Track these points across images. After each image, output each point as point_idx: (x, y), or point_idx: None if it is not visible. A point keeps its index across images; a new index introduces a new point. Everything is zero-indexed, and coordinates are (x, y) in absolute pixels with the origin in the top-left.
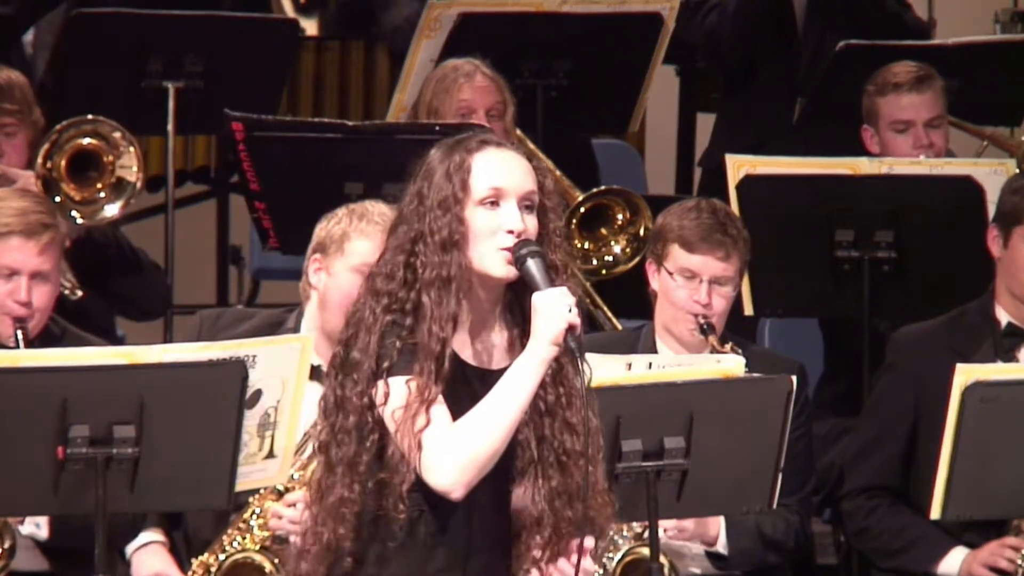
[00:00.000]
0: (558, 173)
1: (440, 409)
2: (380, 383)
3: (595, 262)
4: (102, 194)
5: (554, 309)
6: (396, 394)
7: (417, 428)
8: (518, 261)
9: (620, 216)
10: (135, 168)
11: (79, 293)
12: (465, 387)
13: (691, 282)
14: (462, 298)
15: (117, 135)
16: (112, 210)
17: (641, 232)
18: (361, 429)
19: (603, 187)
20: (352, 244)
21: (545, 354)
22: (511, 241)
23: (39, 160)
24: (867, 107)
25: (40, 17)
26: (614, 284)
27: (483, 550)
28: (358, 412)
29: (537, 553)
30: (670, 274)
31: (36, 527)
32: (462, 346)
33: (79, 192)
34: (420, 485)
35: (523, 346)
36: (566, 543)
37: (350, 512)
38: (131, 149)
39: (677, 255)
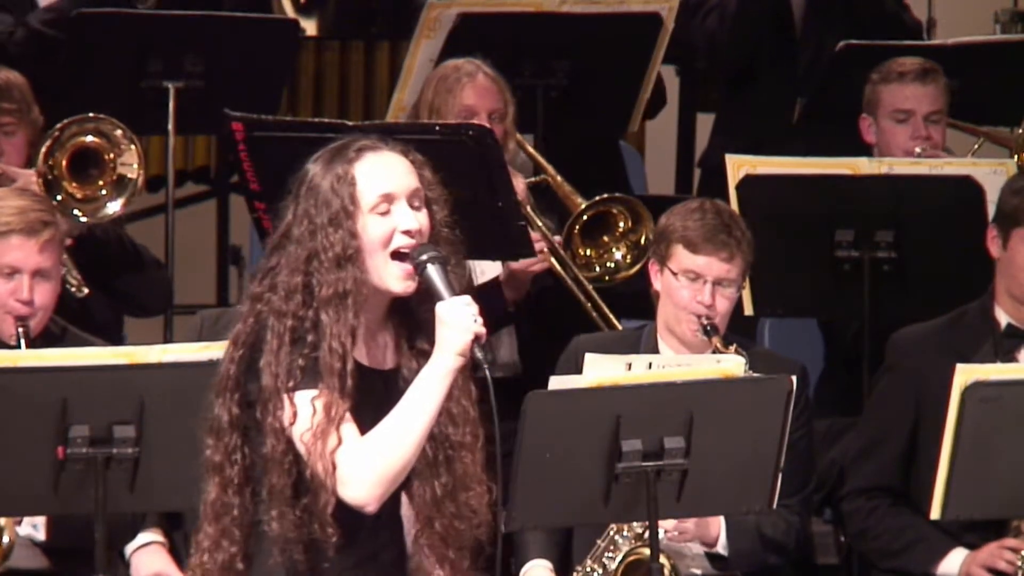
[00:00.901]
0: (559, 179)
1: (349, 426)
2: (286, 401)
3: (597, 269)
4: (104, 192)
5: (459, 320)
6: (303, 414)
7: (329, 449)
8: (418, 268)
9: (622, 223)
10: (136, 165)
11: (85, 291)
12: (367, 390)
13: (695, 283)
14: (359, 310)
15: (118, 133)
16: (114, 207)
17: (643, 240)
18: (259, 448)
19: (605, 195)
20: None
21: (452, 364)
22: (407, 241)
23: (40, 159)
24: (868, 95)
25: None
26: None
27: (384, 555)
28: (256, 432)
29: (430, 552)
30: (674, 275)
31: (33, 528)
32: (358, 351)
33: (81, 190)
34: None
35: (409, 344)
36: (454, 538)
37: (246, 532)
38: (132, 147)
39: (681, 256)
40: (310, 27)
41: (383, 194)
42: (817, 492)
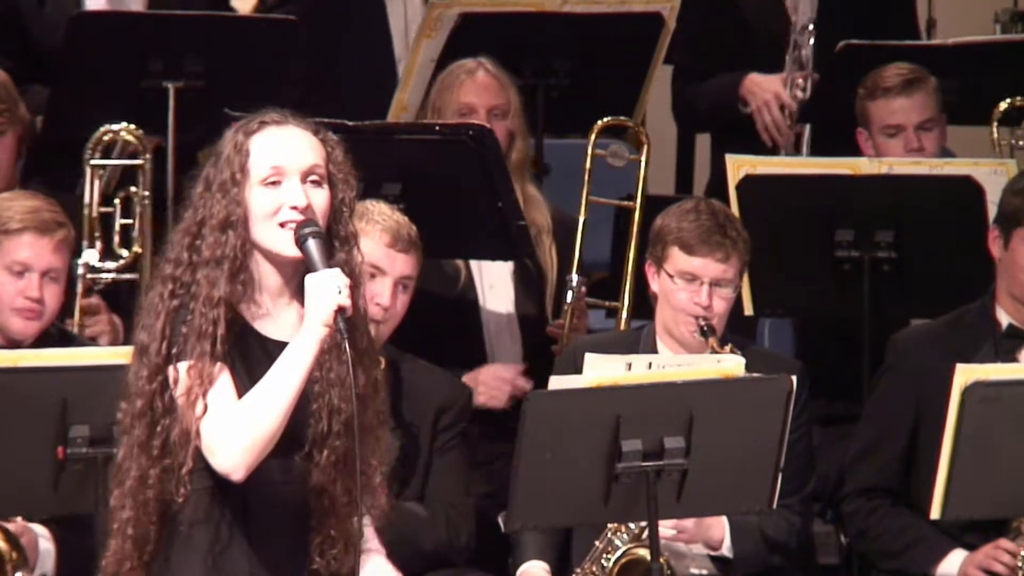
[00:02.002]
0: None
1: (218, 391)
2: (171, 369)
3: None
4: None
5: (323, 291)
6: (181, 380)
7: (197, 414)
8: (299, 240)
9: None
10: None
11: None
12: (267, 361)
13: (691, 284)
14: (237, 278)
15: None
16: None
17: None
18: (152, 413)
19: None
20: None
21: (317, 334)
22: (294, 216)
23: None
24: (859, 110)
25: None
26: (613, 284)
27: (280, 526)
28: (147, 396)
29: (329, 527)
30: (670, 276)
31: None
32: (262, 321)
33: None
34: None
35: None
36: (349, 515)
37: (148, 495)
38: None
39: (677, 258)
40: None
41: (273, 166)
42: (818, 500)
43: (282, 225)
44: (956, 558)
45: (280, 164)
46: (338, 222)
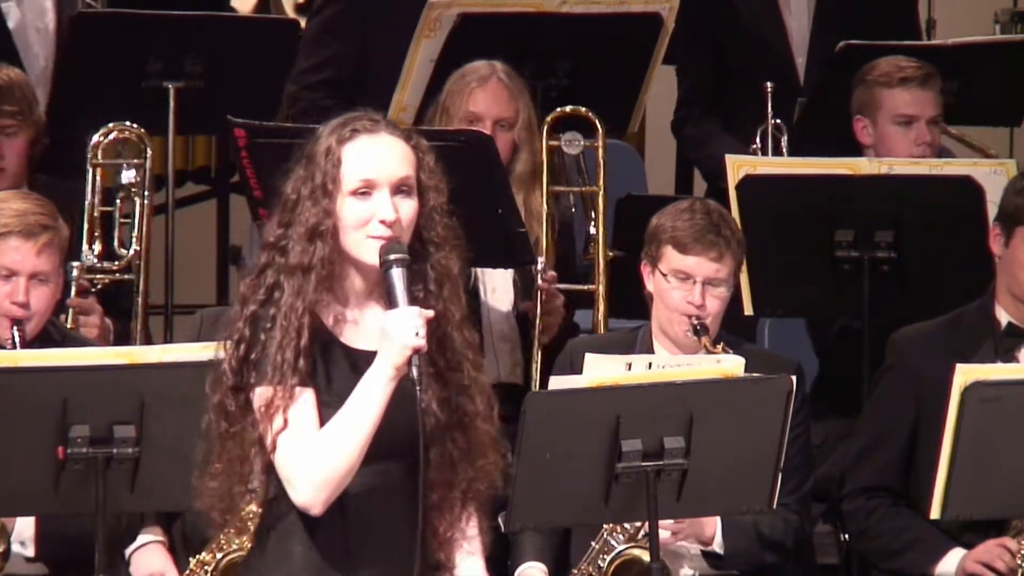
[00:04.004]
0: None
1: (299, 409)
2: (251, 378)
3: None
4: None
5: (399, 334)
6: (261, 394)
7: (274, 429)
8: (383, 266)
9: None
10: None
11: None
12: (351, 372)
13: (685, 283)
14: (323, 287)
15: None
16: None
17: None
18: (225, 413)
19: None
20: None
21: (388, 375)
22: (383, 232)
23: None
24: (864, 98)
25: None
26: (615, 286)
27: (382, 521)
28: (222, 395)
29: (453, 515)
30: (664, 276)
31: (21, 545)
32: (348, 330)
33: None
34: None
35: None
36: (471, 501)
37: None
38: None
39: (670, 256)
40: (304, 41)
41: (364, 179)
42: (820, 502)
43: (372, 237)
44: (955, 557)
45: (371, 176)
46: (429, 228)
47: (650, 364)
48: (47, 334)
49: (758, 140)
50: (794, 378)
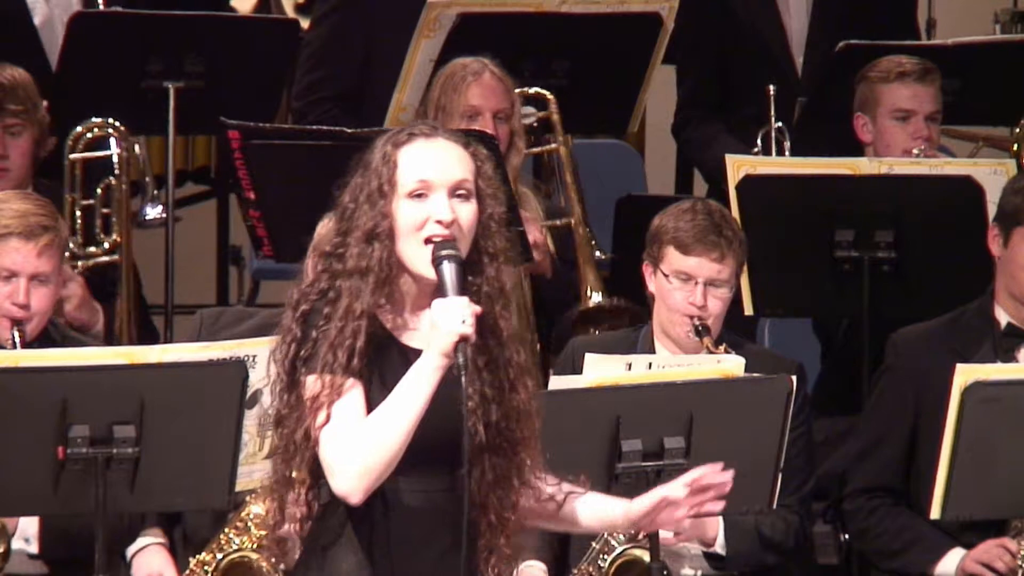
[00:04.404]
0: (581, 229)
1: (345, 405)
2: (302, 375)
3: None
4: None
5: (447, 320)
6: (310, 387)
7: (317, 423)
8: (435, 262)
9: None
10: None
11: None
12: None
13: (686, 284)
14: (382, 290)
15: None
16: None
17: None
18: (278, 415)
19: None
20: None
21: (436, 363)
22: (439, 231)
23: None
24: (864, 94)
25: None
26: (615, 286)
27: (435, 540)
28: (275, 399)
29: (487, 539)
30: (665, 276)
31: (25, 542)
32: (406, 332)
33: None
34: None
35: None
36: (509, 527)
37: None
38: None
39: (672, 257)
40: (304, 55)
41: (420, 180)
42: (821, 500)
43: (427, 241)
44: (954, 557)
45: (427, 177)
46: (486, 237)
47: (650, 364)
48: (47, 334)
49: (759, 143)
50: (794, 378)
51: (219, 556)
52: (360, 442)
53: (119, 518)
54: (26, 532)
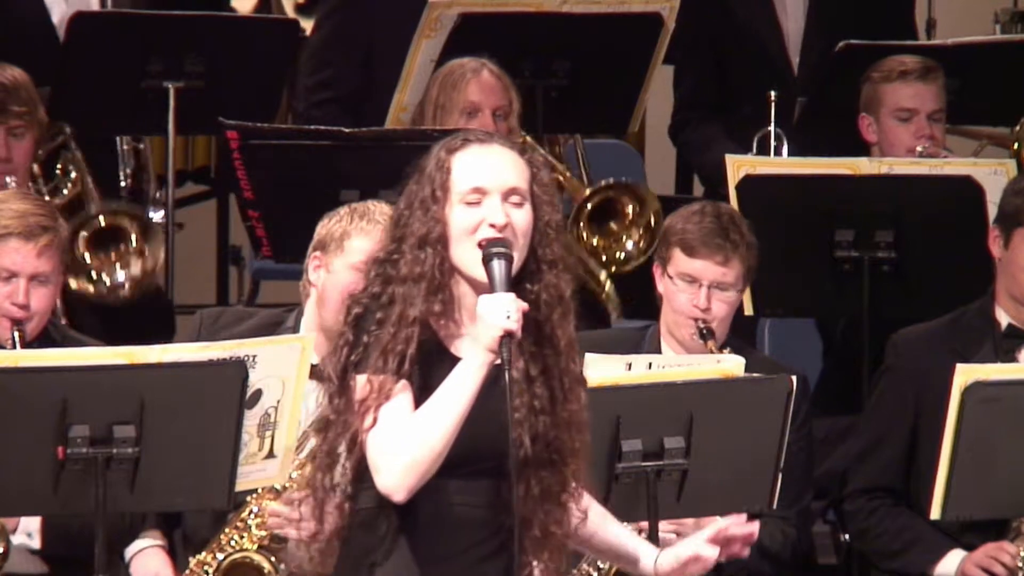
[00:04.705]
0: (568, 174)
1: (393, 408)
2: (351, 378)
3: (606, 258)
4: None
5: (492, 315)
6: (358, 389)
7: (364, 427)
8: (485, 258)
9: (629, 209)
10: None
11: None
12: None
13: (691, 286)
14: (435, 297)
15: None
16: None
17: (652, 222)
18: (327, 420)
19: (604, 182)
20: (352, 242)
21: (481, 359)
22: (492, 234)
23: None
24: (868, 94)
25: None
26: (622, 286)
27: (476, 548)
28: (326, 405)
29: (531, 554)
30: (671, 278)
31: (28, 537)
32: (458, 341)
33: (96, 262)
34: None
35: (520, 344)
36: (554, 543)
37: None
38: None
39: (678, 259)
40: (310, 27)
41: (474, 186)
42: (821, 499)
43: (480, 245)
44: (954, 558)
45: (481, 183)
46: (543, 244)
47: (650, 364)
48: (47, 334)
49: (755, 147)
50: (794, 378)
51: (220, 556)
52: (404, 438)
53: (120, 517)
54: (28, 527)
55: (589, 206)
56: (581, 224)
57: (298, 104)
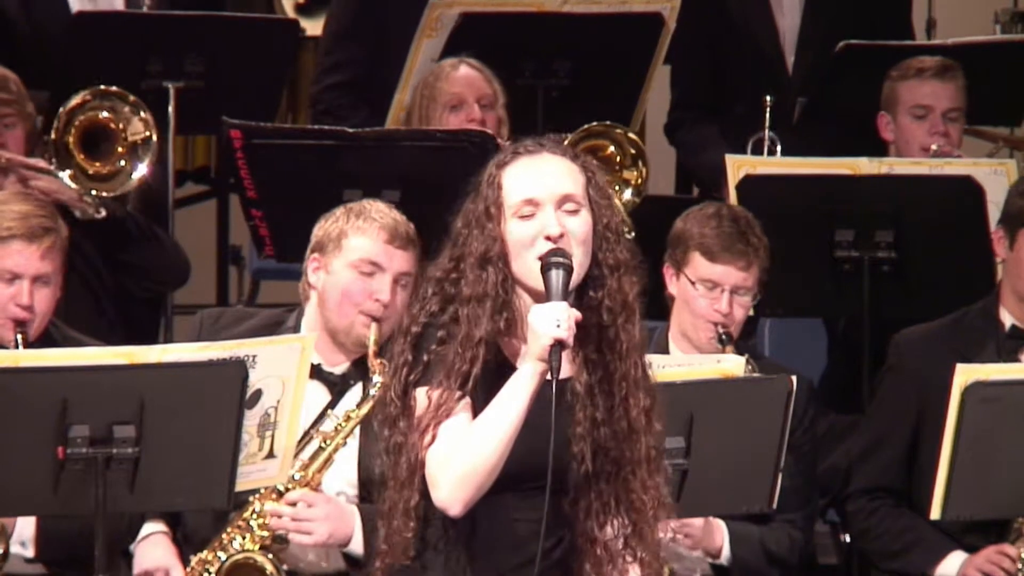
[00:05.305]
0: None
1: (453, 425)
2: (412, 394)
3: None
4: (123, 162)
5: (542, 324)
6: (419, 405)
7: (424, 444)
8: (543, 268)
9: (612, 152)
10: (146, 130)
11: (103, 212)
12: (538, 399)
13: (712, 291)
14: (500, 315)
15: (125, 108)
16: (140, 172)
17: (634, 152)
18: (390, 441)
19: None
20: (350, 241)
21: (531, 369)
22: (549, 247)
23: (53, 135)
24: (887, 92)
25: None
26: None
27: (531, 562)
28: (389, 424)
29: (597, 570)
30: (692, 283)
31: (22, 546)
32: (519, 356)
33: (102, 167)
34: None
35: (583, 354)
36: (621, 557)
37: (395, 524)
38: (140, 113)
39: (698, 264)
40: (310, 27)
41: (526, 198)
42: (822, 496)
43: (540, 259)
44: (955, 560)
45: (533, 195)
46: (604, 249)
47: (650, 364)
48: (48, 335)
49: (750, 150)
50: (794, 378)
51: (222, 556)
52: (458, 451)
53: (117, 518)
54: (22, 536)
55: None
56: None
57: (311, 87)
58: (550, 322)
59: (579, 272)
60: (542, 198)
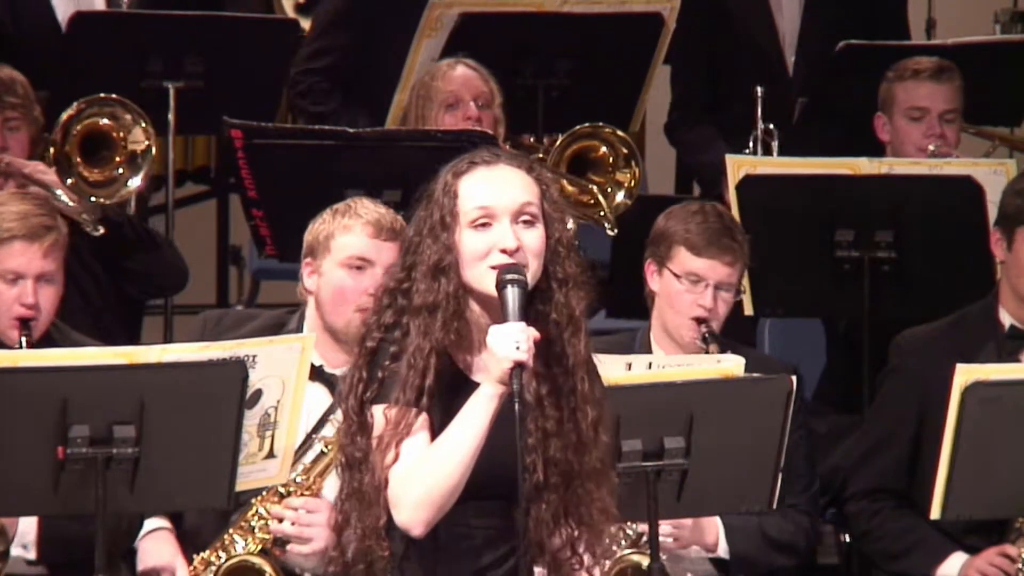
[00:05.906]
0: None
1: (414, 443)
2: (368, 412)
3: (603, 213)
4: (120, 171)
5: (501, 347)
6: (377, 424)
7: (386, 463)
8: (499, 286)
9: (603, 152)
10: (146, 140)
11: (101, 229)
12: None
13: (696, 286)
14: (451, 325)
15: (127, 116)
16: (135, 182)
17: (627, 152)
18: (347, 459)
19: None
20: (337, 241)
21: (490, 391)
22: (504, 260)
23: (54, 139)
24: (883, 94)
25: None
26: (614, 286)
27: (492, 573)
28: (345, 442)
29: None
30: (676, 277)
31: (24, 548)
32: (478, 369)
33: (99, 173)
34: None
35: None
36: (568, 566)
37: (355, 546)
38: (140, 123)
39: (683, 259)
40: (310, 27)
41: (482, 207)
42: (823, 495)
43: (493, 268)
44: (956, 561)
45: (489, 205)
46: (554, 262)
47: (650, 364)
48: (48, 335)
49: (750, 146)
50: (794, 378)
51: (223, 557)
52: (419, 473)
53: (117, 519)
54: (24, 538)
55: (563, 168)
56: (565, 183)
57: (292, 69)
58: (509, 345)
59: (531, 284)
60: (498, 208)
